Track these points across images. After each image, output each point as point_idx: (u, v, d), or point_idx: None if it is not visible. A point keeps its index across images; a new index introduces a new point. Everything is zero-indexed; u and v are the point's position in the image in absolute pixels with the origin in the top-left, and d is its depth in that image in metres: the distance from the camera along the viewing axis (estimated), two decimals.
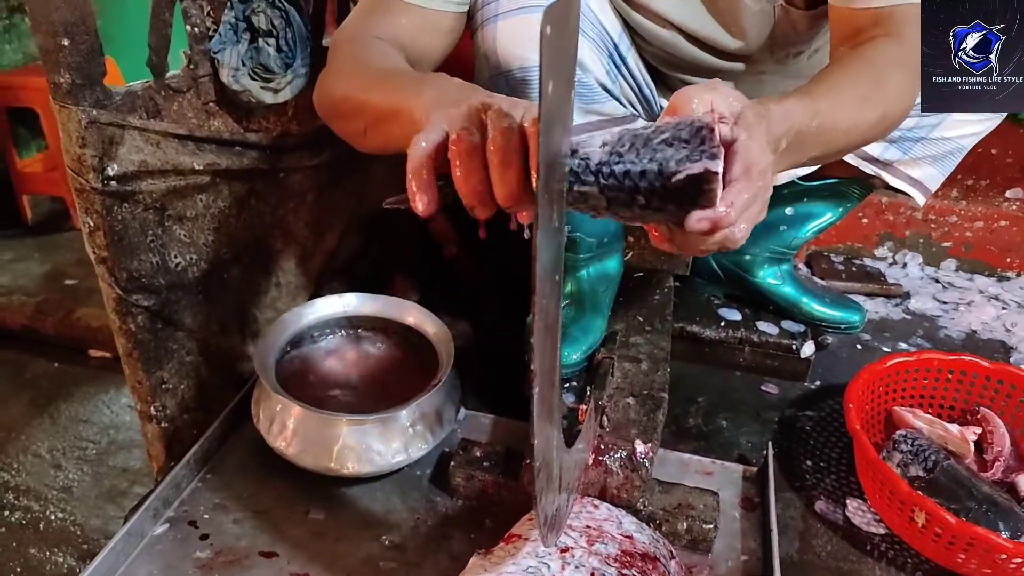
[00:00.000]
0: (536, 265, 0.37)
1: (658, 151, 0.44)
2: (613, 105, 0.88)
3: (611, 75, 0.87)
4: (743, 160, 0.47)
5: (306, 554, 0.76)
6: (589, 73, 0.85)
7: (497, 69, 0.79)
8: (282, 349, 0.93)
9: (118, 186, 0.82)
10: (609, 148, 0.46)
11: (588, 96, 0.86)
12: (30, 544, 1.21)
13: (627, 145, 0.45)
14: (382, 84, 0.63)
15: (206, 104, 0.94)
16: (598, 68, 0.85)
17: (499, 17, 0.76)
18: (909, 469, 0.85)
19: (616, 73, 0.87)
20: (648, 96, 0.92)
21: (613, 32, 0.85)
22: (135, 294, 0.87)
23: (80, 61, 0.75)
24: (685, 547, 0.78)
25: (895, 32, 0.73)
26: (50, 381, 1.59)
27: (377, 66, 0.68)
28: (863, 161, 1.01)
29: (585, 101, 0.86)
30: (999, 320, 1.28)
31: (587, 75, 0.85)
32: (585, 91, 0.85)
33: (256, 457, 0.88)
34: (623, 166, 0.44)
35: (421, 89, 0.57)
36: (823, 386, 1.11)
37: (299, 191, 1.12)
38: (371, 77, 0.66)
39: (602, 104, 0.87)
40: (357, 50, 0.72)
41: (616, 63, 0.87)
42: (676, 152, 0.44)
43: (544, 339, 0.41)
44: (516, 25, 0.76)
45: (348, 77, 0.69)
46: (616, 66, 0.87)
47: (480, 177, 0.46)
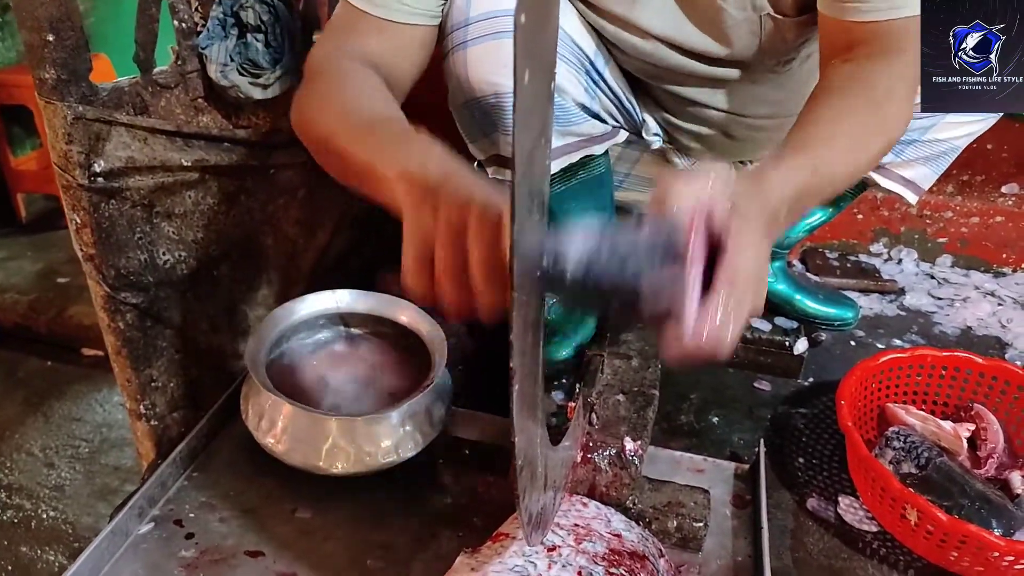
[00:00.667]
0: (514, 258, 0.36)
1: (630, 266, 0.43)
2: (591, 124, 0.87)
3: (590, 92, 0.86)
4: (730, 268, 0.45)
5: (292, 553, 0.76)
6: (567, 95, 0.84)
7: (471, 95, 0.79)
8: (273, 345, 0.92)
9: (105, 183, 0.81)
10: (584, 259, 0.44)
11: (565, 119, 0.85)
12: (21, 542, 1.21)
13: (603, 255, 0.44)
14: (365, 137, 0.61)
15: (194, 100, 0.93)
16: (576, 89, 0.84)
17: (468, 44, 0.75)
18: (901, 466, 0.84)
19: (595, 89, 0.86)
20: (629, 108, 0.91)
21: (588, 50, 0.84)
22: (123, 291, 0.86)
23: (65, 57, 0.75)
24: (675, 545, 0.78)
25: (894, 48, 0.69)
26: (43, 379, 1.59)
27: (361, 111, 0.65)
28: None
29: (562, 124, 0.85)
30: (995, 316, 1.28)
31: (564, 98, 0.84)
32: (562, 114, 0.85)
33: (244, 454, 0.87)
34: (596, 280, 0.44)
35: (404, 156, 0.55)
36: (816, 383, 1.10)
37: (289, 188, 1.11)
38: (354, 124, 0.63)
39: (579, 125, 0.86)
40: (340, 81, 0.69)
41: (594, 79, 0.86)
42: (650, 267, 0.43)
43: (524, 335, 0.41)
44: (486, 52, 0.75)
45: (330, 116, 0.66)
46: (594, 82, 0.86)
47: (464, 296, 0.46)
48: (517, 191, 0.34)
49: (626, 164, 1.03)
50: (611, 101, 0.88)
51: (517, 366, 0.39)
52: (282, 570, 0.74)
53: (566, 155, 0.89)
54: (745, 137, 0.93)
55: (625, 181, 1.07)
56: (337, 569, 0.74)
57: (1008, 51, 0.74)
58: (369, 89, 0.67)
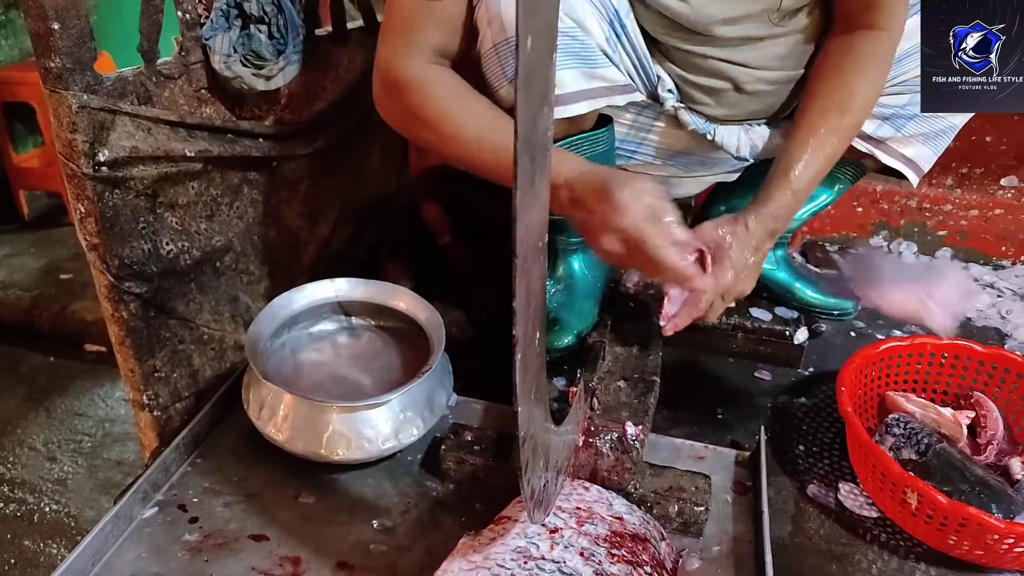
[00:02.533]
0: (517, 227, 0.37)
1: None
2: (614, 71, 0.87)
3: (611, 42, 0.85)
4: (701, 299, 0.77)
5: (296, 537, 0.76)
6: (590, 36, 0.83)
7: (502, 35, 0.79)
8: (273, 335, 0.92)
9: (109, 172, 0.81)
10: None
11: (590, 59, 0.84)
12: (24, 536, 1.21)
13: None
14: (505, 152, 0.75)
15: (198, 91, 0.94)
16: (599, 33, 0.84)
17: None
18: (902, 452, 0.85)
19: (616, 41, 0.86)
20: (645, 65, 0.91)
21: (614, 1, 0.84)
22: (127, 281, 0.87)
23: (70, 46, 0.75)
24: (676, 530, 0.78)
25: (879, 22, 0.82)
26: (45, 375, 1.59)
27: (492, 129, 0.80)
28: (856, 138, 1.00)
29: (588, 64, 0.84)
30: (994, 308, 1.28)
31: (588, 37, 0.83)
32: (587, 53, 0.84)
33: (246, 442, 0.88)
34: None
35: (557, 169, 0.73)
36: (816, 373, 1.11)
37: (292, 179, 1.12)
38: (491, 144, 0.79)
39: (604, 68, 0.86)
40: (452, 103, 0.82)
41: (616, 31, 0.85)
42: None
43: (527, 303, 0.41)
44: None
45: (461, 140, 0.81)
46: (616, 34, 0.85)
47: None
48: (519, 158, 0.35)
49: (640, 132, 1.03)
50: (629, 57, 0.88)
51: (520, 334, 0.39)
52: (286, 554, 0.74)
53: (591, 99, 0.88)
54: (756, 91, 0.93)
55: (639, 151, 1.05)
56: (340, 553, 0.75)
57: (1008, 51, 0.75)
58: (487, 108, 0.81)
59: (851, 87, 0.85)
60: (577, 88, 0.86)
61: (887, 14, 0.83)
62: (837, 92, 0.85)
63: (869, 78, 0.85)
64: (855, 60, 0.85)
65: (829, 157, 0.85)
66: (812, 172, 0.84)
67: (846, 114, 0.85)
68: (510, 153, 0.69)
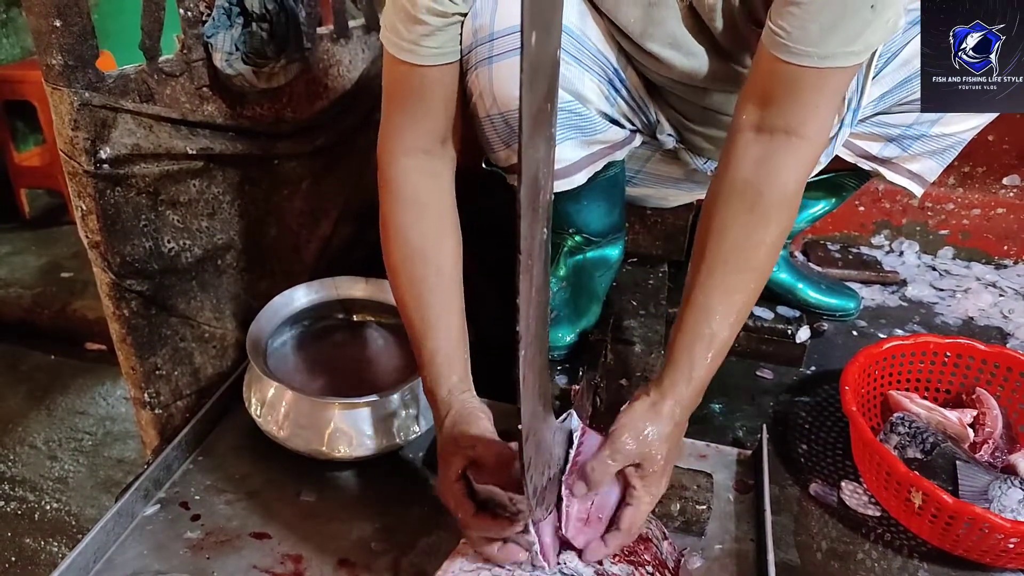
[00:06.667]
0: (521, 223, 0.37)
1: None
2: (614, 131, 0.89)
3: (610, 99, 0.87)
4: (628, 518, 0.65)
5: (297, 535, 0.76)
6: (590, 105, 0.85)
7: (495, 109, 0.80)
8: (274, 332, 0.92)
9: (111, 169, 0.81)
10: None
11: (590, 128, 0.86)
12: (25, 534, 1.21)
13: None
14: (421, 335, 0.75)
15: (199, 89, 0.94)
16: (597, 98, 0.86)
17: (494, 59, 0.76)
18: (906, 451, 0.84)
19: (615, 96, 0.87)
20: (644, 110, 0.92)
21: (611, 57, 0.85)
22: (128, 279, 0.86)
23: (72, 43, 0.75)
24: (678, 528, 0.78)
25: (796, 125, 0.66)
26: (46, 373, 1.59)
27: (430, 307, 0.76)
28: (861, 159, 0.99)
29: (587, 133, 0.87)
30: (996, 307, 1.28)
31: (588, 108, 0.85)
32: (587, 124, 0.86)
33: (248, 440, 0.88)
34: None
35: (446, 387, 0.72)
36: (818, 372, 1.11)
37: (294, 178, 1.11)
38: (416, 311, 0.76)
39: (604, 132, 0.88)
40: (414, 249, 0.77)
41: (615, 86, 0.87)
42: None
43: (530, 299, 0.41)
44: (511, 67, 0.76)
45: (404, 295, 0.77)
46: (615, 88, 0.87)
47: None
48: (524, 153, 0.34)
49: (638, 161, 1.04)
50: (628, 104, 0.89)
51: (522, 330, 0.39)
52: (287, 551, 0.74)
53: (591, 164, 0.91)
54: None
55: (636, 177, 1.07)
56: (341, 551, 0.75)
57: (1008, 51, 0.74)
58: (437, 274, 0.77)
59: (754, 238, 0.68)
60: (577, 158, 0.88)
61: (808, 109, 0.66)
62: (736, 250, 0.68)
63: (780, 217, 0.68)
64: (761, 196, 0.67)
65: (733, 329, 0.69)
66: (713, 359, 0.68)
67: (749, 272, 0.69)
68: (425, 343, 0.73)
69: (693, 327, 0.68)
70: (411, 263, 0.77)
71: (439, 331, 0.74)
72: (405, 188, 0.78)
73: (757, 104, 0.68)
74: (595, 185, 0.94)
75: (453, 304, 0.76)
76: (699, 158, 0.98)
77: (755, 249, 0.68)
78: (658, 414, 0.66)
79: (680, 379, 0.67)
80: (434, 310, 0.75)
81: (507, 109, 0.80)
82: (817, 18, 0.62)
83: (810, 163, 0.70)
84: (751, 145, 0.69)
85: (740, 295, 0.68)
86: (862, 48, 0.63)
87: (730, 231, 0.68)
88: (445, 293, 0.76)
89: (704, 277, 0.68)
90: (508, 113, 0.80)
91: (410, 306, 0.76)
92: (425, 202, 0.78)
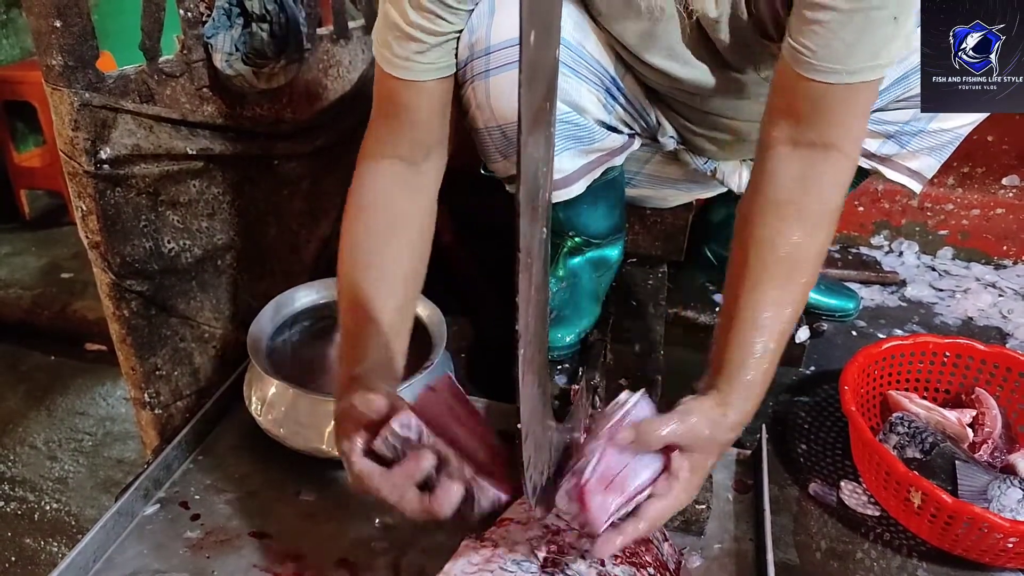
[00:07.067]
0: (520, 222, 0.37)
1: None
2: (611, 139, 0.89)
3: (607, 107, 0.87)
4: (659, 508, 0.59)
5: (297, 534, 0.76)
6: (588, 114, 0.85)
7: (492, 121, 0.80)
8: (274, 332, 0.92)
9: (111, 170, 0.82)
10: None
11: (588, 138, 0.86)
12: (25, 534, 1.21)
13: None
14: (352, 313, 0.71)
15: (199, 89, 0.94)
16: (595, 107, 0.85)
17: (491, 73, 0.76)
18: (906, 451, 0.84)
19: (612, 103, 0.87)
20: (645, 115, 0.92)
21: (608, 66, 0.85)
22: (128, 279, 0.87)
23: (72, 43, 0.75)
24: (677, 528, 0.78)
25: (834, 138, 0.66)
26: (46, 374, 1.59)
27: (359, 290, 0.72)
28: (860, 157, 0.99)
29: (585, 143, 0.86)
30: (995, 307, 1.28)
31: (586, 118, 0.85)
32: (585, 134, 0.86)
33: (248, 439, 0.88)
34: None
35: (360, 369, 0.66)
36: (818, 372, 1.11)
37: (293, 178, 1.12)
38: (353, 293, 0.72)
39: (601, 141, 0.88)
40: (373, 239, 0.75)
41: (613, 94, 0.87)
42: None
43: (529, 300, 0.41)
44: (508, 80, 0.76)
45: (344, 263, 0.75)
46: (612, 96, 0.87)
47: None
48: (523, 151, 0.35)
49: (638, 163, 1.04)
50: (626, 110, 0.89)
51: (522, 330, 0.39)
52: (287, 551, 0.74)
53: (590, 173, 0.91)
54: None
55: (636, 178, 1.07)
56: (341, 551, 0.75)
57: (1008, 51, 0.74)
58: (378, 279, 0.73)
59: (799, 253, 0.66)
60: (575, 168, 0.88)
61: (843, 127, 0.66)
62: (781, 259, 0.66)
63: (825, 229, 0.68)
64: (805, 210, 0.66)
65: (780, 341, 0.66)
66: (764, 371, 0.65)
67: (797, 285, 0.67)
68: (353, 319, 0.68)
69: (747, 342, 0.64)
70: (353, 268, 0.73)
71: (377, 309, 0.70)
72: (367, 194, 0.75)
73: (787, 120, 0.67)
74: (594, 189, 0.94)
75: (388, 305, 0.72)
76: (700, 158, 0.98)
77: (802, 263, 0.67)
78: (724, 417, 0.62)
79: (742, 395, 0.63)
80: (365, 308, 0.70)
81: (504, 122, 0.80)
82: (840, 35, 0.61)
83: (849, 174, 0.69)
84: (788, 160, 0.67)
85: (790, 308, 0.66)
86: (887, 60, 0.63)
87: (774, 246, 0.66)
88: (383, 297, 0.72)
89: (750, 291, 0.66)
90: (506, 126, 0.80)
91: (342, 306, 0.72)
92: (385, 208, 0.75)
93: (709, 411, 0.62)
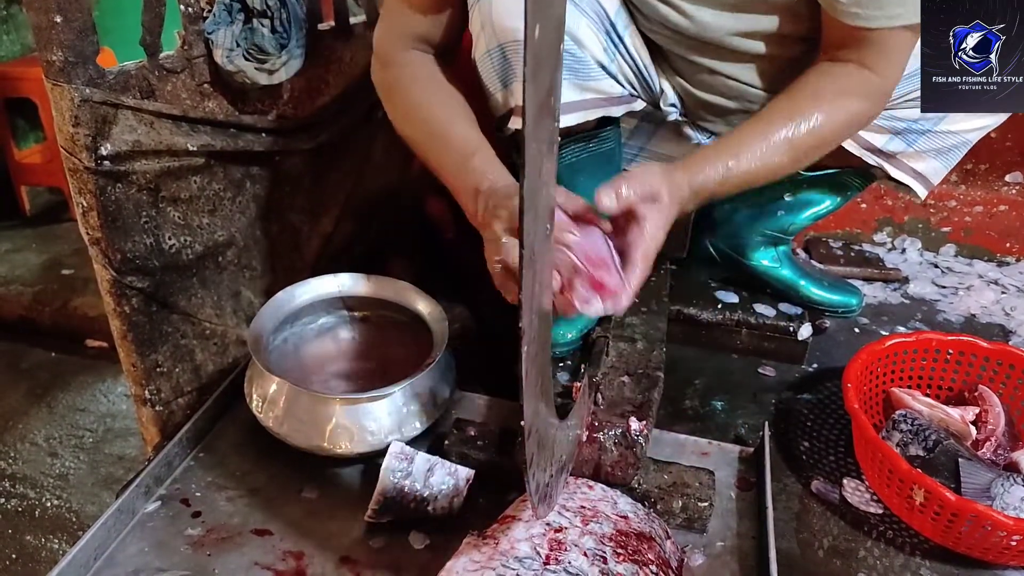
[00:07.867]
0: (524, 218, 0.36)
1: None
2: (609, 83, 0.87)
3: (608, 52, 0.86)
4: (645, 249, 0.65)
5: (299, 532, 0.76)
6: (585, 50, 0.84)
7: (493, 42, 0.80)
8: (276, 329, 0.92)
9: (111, 166, 0.81)
10: None
11: (584, 72, 0.85)
12: (26, 531, 1.21)
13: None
14: (440, 148, 0.80)
15: (200, 85, 0.93)
16: (595, 45, 0.84)
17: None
18: (909, 448, 0.84)
19: (614, 51, 0.86)
20: (647, 76, 0.90)
21: (610, 8, 0.84)
22: (129, 276, 0.86)
23: (73, 39, 0.75)
24: (680, 526, 0.78)
25: (877, 63, 0.76)
26: (47, 370, 1.59)
27: (435, 121, 0.82)
28: (865, 151, 0.99)
29: (581, 77, 0.85)
30: (998, 304, 1.28)
31: (583, 51, 0.84)
32: (581, 67, 0.84)
33: (249, 436, 0.88)
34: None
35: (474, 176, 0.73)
36: (820, 369, 1.10)
37: (295, 174, 1.11)
38: (429, 133, 0.81)
39: (598, 81, 0.86)
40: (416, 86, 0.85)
41: (614, 41, 0.85)
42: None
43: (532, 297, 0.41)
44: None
45: (410, 122, 0.84)
46: (614, 44, 0.85)
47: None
48: (527, 146, 0.34)
49: (640, 139, 1.03)
50: (629, 66, 0.88)
51: (525, 326, 0.39)
52: (289, 548, 0.74)
53: (584, 111, 0.89)
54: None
55: (638, 157, 1.06)
56: (343, 548, 0.74)
57: (1008, 51, 0.74)
58: (439, 100, 0.83)
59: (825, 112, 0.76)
60: (568, 100, 0.87)
61: (882, 55, 0.75)
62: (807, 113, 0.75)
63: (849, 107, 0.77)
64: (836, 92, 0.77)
65: (772, 169, 0.75)
66: (746, 173, 0.74)
67: (809, 136, 0.76)
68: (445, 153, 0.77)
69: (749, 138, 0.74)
70: (416, 109, 0.82)
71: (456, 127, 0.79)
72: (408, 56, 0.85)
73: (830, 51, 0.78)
74: (589, 159, 0.93)
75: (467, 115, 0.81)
76: (703, 133, 0.97)
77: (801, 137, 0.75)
78: (672, 172, 0.69)
79: (707, 166, 0.72)
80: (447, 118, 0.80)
81: (505, 40, 0.81)
82: None
83: (879, 96, 0.79)
84: (825, 64, 0.78)
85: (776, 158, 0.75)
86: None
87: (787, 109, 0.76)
88: (455, 109, 0.81)
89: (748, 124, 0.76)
90: (506, 44, 0.81)
91: (420, 131, 0.82)
92: (429, 77, 0.84)
93: (654, 168, 0.69)
